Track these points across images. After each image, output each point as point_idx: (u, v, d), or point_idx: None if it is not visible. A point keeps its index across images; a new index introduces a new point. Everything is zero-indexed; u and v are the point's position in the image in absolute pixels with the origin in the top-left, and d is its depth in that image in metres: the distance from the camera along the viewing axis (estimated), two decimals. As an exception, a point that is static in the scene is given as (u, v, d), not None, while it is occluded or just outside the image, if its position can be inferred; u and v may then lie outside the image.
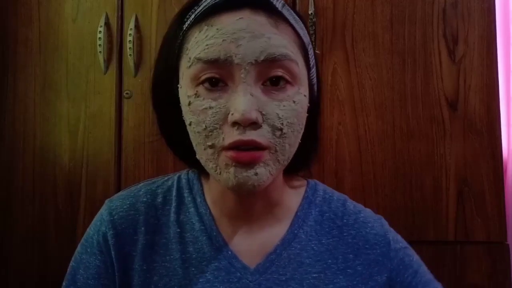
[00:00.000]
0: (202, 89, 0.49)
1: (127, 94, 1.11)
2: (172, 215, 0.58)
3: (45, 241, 1.12)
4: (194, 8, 0.52)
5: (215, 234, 0.57)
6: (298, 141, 0.52)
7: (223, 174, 0.49)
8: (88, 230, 0.60)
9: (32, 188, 1.14)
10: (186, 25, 0.52)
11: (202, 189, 0.60)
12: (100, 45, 1.11)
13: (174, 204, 0.59)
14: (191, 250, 0.56)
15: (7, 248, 1.14)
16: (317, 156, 0.62)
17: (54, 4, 1.16)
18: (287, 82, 0.50)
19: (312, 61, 0.56)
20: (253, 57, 0.47)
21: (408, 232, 1.01)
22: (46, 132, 1.15)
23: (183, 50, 0.51)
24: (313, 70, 0.56)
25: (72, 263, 0.60)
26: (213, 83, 0.49)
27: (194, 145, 0.52)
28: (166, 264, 0.56)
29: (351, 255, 0.58)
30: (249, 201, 0.57)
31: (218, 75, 0.48)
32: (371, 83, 1.04)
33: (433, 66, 1.03)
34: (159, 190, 0.60)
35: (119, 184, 1.10)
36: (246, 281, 0.55)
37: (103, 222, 0.58)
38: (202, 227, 0.57)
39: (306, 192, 0.62)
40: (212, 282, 0.55)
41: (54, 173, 1.13)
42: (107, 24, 1.12)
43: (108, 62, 1.12)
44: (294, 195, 0.61)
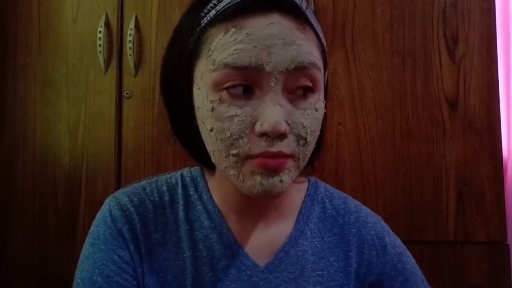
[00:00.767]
0: (226, 94, 0.47)
1: (127, 94, 1.11)
2: (180, 213, 0.57)
3: (45, 241, 1.12)
4: (214, 2, 0.49)
5: (225, 231, 0.56)
6: (313, 146, 0.52)
7: (247, 181, 0.47)
8: (95, 229, 0.56)
9: (32, 188, 1.14)
10: (205, 20, 0.49)
11: (207, 186, 0.59)
12: (100, 45, 1.11)
13: (181, 202, 0.58)
14: (201, 248, 0.56)
15: (7, 248, 1.14)
16: (319, 154, 0.61)
17: (54, 4, 1.16)
18: (310, 90, 0.49)
19: (326, 63, 0.55)
20: (284, 65, 0.46)
21: (408, 232, 1.01)
22: (46, 132, 1.15)
23: (203, 50, 0.49)
24: (325, 73, 0.55)
25: (81, 270, 0.54)
26: (239, 90, 0.47)
27: (212, 150, 0.50)
28: (179, 262, 0.55)
29: (351, 253, 0.59)
30: (258, 201, 0.56)
31: (245, 82, 0.46)
32: (371, 83, 1.04)
33: (433, 66, 1.03)
34: (164, 188, 0.59)
35: (119, 184, 1.10)
36: (257, 279, 0.55)
37: (116, 217, 0.55)
38: (212, 225, 0.56)
39: (308, 189, 0.62)
40: (223, 280, 0.54)
41: (54, 173, 1.13)
42: (107, 24, 1.12)
43: (108, 62, 1.12)
44: (297, 192, 0.61)
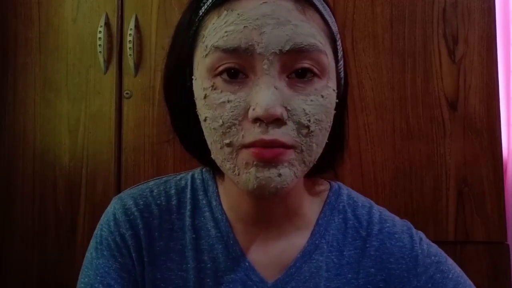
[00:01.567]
0: (219, 80, 0.44)
1: (127, 94, 1.11)
2: (187, 219, 0.54)
3: (45, 241, 1.12)
4: None
5: (232, 242, 0.52)
6: (325, 140, 0.47)
7: (242, 175, 0.44)
8: (99, 233, 0.54)
9: (32, 188, 1.14)
10: (203, 9, 0.46)
11: (217, 191, 0.55)
12: (100, 45, 1.11)
13: (189, 207, 0.54)
14: (206, 259, 0.52)
15: (7, 248, 1.14)
16: (343, 157, 0.56)
17: (54, 4, 1.16)
18: (315, 75, 0.44)
19: (340, 52, 0.50)
20: (277, 46, 0.42)
21: (408, 232, 1.01)
22: (46, 132, 1.15)
23: (199, 38, 0.46)
24: (341, 63, 0.50)
25: (84, 275, 0.53)
26: (232, 75, 0.44)
27: (209, 143, 0.47)
28: (182, 273, 0.52)
29: (373, 269, 0.53)
30: (267, 206, 0.52)
31: (238, 66, 0.43)
32: (371, 83, 1.04)
33: (433, 66, 1.03)
34: (173, 191, 0.56)
35: (119, 184, 1.10)
36: None
37: (119, 222, 0.53)
38: (218, 234, 0.53)
39: (328, 197, 0.56)
40: None
41: (54, 173, 1.13)
42: (107, 24, 1.12)
43: (108, 62, 1.12)
44: (315, 200, 0.56)
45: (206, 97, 0.44)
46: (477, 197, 1.00)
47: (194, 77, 0.47)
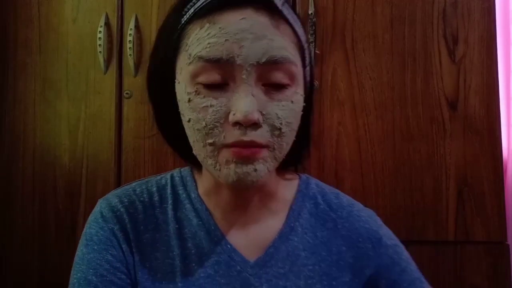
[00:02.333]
0: (202, 86, 0.49)
1: (127, 94, 1.11)
2: (169, 212, 0.59)
3: (45, 241, 1.12)
4: (193, 1, 0.51)
5: (213, 228, 0.58)
6: (293, 139, 0.53)
7: (223, 170, 0.50)
8: (88, 230, 0.58)
9: (32, 188, 1.14)
10: (184, 19, 0.51)
11: (195, 184, 0.61)
12: (100, 45, 1.11)
13: (170, 201, 0.60)
14: (190, 245, 0.57)
15: (7, 248, 1.14)
16: (309, 151, 0.63)
17: (54, 4, 1.16)
18: (287, 84, 0.50)
19: (307, 59, 0.56)
20: (255, 58, 0.48)
21: (408, 232, 1.01)
22: (46, 132, 1.15)
23: (182, 46, 0.51)
24: (307, 68, 0.56)
25: (76, 271, 0.56)
26: (214, 83, 0.49)
27: (192, 141, 0.52)
28: (168, 260, 0.56)
29: (344, 248, 0.59)
30: (244, 194, 0.58)
31: (219, 75, 0.48)
32: (371, 83, 1.04)
33: (433, 66, 1.03)
34: (154, 188, 0.61)
35: (119, 184, 1.10)
36: (246, 274, 0.56)
37: (107, 218, 0.57)
38: (200, 222, 0.58)
39: (299, 185, 0.63)
40: (213, 276, 0.55)
41: (54, 173, 1.13)
42: (107, 24, 1.12)
43: (108, 62, 1.12)
44: (288, 188, 0.62)
45: (190, 101, 0.50)
46: (477, 197, 1.00)
47: (177, 80, 0.52)
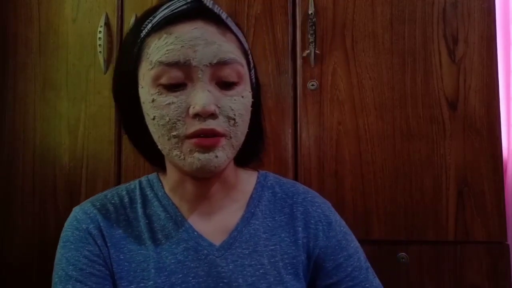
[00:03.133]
0: (163, 88, 0.57)
1: (127, 94, 1.11)
2: (139, 210, 0.65)
3: (45, 241, 1.12)
4: (150, 19, 0.59)
5: (180, 219, 0.64)
6: (246, 129, 0.61)
7: (188, 159, 0.56)
8: (64, 233, 0.64)
9: (32, 188, 1.14)
10: (143, 33, 0.59)
11: (161, 184, 0.68)
12: (100, 45, 1.11)
13: (139, 201, 0.66)
14: (160, 237, 0.63)
15: (7, 248, 1.14)
16: (264, 144, 0.71)
17: (54, 4, 1.16)
18: (236, 82, 0.59)
19: (251, 63, 0.65)
20: (208, 60, 0.56)
21: (408, 232, 1.01)
22: (46, 132, 1.15)
23: (143, 55, 0.58)
24: (252, 71, 0.65)
25: (57, 270, 0.61)
26: (174, 84, 0.56)
27: (157, 137, 0.59)
28: (142, 251, 0.62)
29: (300, 228, 0.67)
30: (207, 184, 0.64)
31: (178, 75, 0.56)
32: (371, 83, 1.04)
33: (433, 66, 1.03)
34: (124, 192, 0.68)
35: (119, 184, 1.10)
36: (213, 257, 0.62)
37: (80, 220, 0.63)
38: (168, 215, 0.65)
39: (258, 178, 0.71)
40: (183, 262, 0.61)
41: (54, 173, 1.13)
42: (107, 24, 1.12)
43: (108, 62, 1.12)
44: (248, 181, 0.70)
45: (153, 100, 0.57)
46: (477, 197, 1.00)
47: (140, 85, 0.59)
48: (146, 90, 0.58)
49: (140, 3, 1.12)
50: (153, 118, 0.57)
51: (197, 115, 0.55)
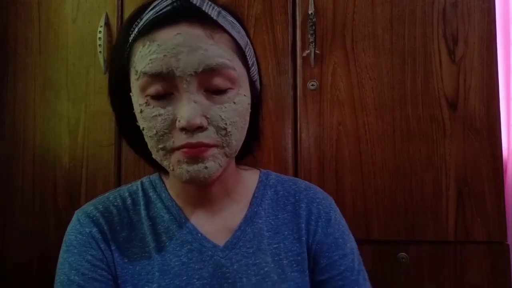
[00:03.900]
0: (150, 98, 0.54)
1: (127, 94, 1.11)
2: (142, 212, 0.65)
3: (45, 241, 1.12)
4: (137, 21, 0.56)
5: (184, 221, 0.64)
6: (243, 135, 0.58)
7: (177, 170, 0.55)
8: (67, 237, 0.62)
9: (32, 188, 1.14)
10: (131, 37, 0.56)
11: (164, 186, 0.67)
12: (100, 45, 1.11)
13: (142, 203, 0.65)
14: (164, 239, 0.62)
15: (7, 248, 1.14)
16: (260, 143, 0.69)
17: (54, 4, 1.17)
18: (227, 88, 0.55)
19: (251, 60, 0.61)
20: (192, 69, 0.52)
21: (408, 232, 1.01)
22: (46, 132, 1.15)
23: (131, 62, 0.56)
24: (253, 68, 0.61)
25: (59, 275, 0.60)
26: (160, 95, 0.54)
27: (150, 146, 0.57)
28: (145, 254, 0.62)
29: (302, 225, 0.66)
30: (206, 189, 0.64)
31: (163, 89, 0.53)
32: (371, 83, 1.04)
33: (433, 66, 1.03)
34: (126, 194, 0.67)
35: (119, 184, 1.10)
36: (218, 257, 0.61)
37: (84, 224, 0.62)
38: (171, 217, 0.64)
39: (260, 177, 0.71)
40: (187, 263, 0.61)
41: (54, 173, 1.13)
42: (107, 24, 1.12)
43: (108, 62, 1.12)
44: (250, 179, 0.70)
45: (142, 111, 0.55)
46: (477, 197, 1.00)
47: (132, 93, 0.58)
48: (135, 99, 0.56)
49: (140, 3, 1.12)
50: (143, 129, 0.56)
51: (183, 129, 0.53)
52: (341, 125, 1.04)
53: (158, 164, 0.62)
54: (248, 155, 0.70)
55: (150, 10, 0.55)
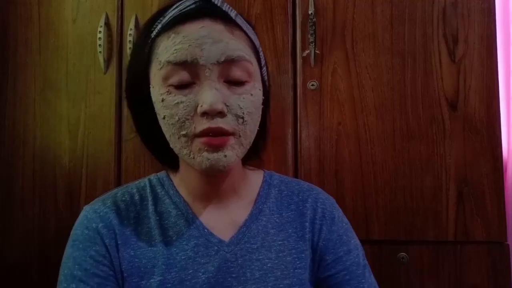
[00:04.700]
0: (172, 87, 0.57)
1: (127, 94, 1.11)
2: (150, 207, 0.66)
3: (45, 241, 1.12)
4: (160, 19, 0.60)
5: (191, 216, 0.65)
6: (256, 127, 0.62)
7: (197, 158, 0.57)
8: (74, 232, 0.64)
9: (32, 188, 1.14)
10: (153, 33, 0.60)
11: (172, 183, 0.69)
12: (100, 45, 1.11)
13: (150, 198, 0.67)
14: (171, 233, 0.64)
15: (7, 248, 1.14)
16: (265, 144, 0.72)
17: (54, 4, 1.16)
18: (245, 80, 0.59)
19: (263, 61, 0.66)
20: (215, 58, 0.56)
21: (408, 232, 1.01)
22: (46, 132, 1.15)
23: (153, 55, 0.59)
24: (264, 69, 0.66)
25: (63, 268, 0.62)
26: (183, 83, 0.57)
27: (168, 136, 0.60)
28: (152, 248, 0.63)
29: (306, 223, 0.68)
30: (216, 181, 0.66)
31: (186, 78, 0.57)
32: (371, 83, 1.04)
33: (433, 66, 1.03)
34: (134, 190, 0.69)
35: (119, 184, 1.10)
36: (223, 252, 0.63)
37: (90, 219, 0.64)
38: (179, 213, 0.66)
39: (264, 177, 0.73)
40: (193, 258, 0.62)
41: (54, 173, 1.13)
42: (107, 24, 1.12)
43: (108, 62, 1.12)
44: (254, 178, 0.72)
45: (163, 100, 0.58)
46: (477, 197, 1.00)
47: (151, 85, 0.60)
48: (156, 90, 0.59)
49: (140, 3, 1.12)
50: (163, 118, 0.58)
51: (205, 114, 0.55)
52: (341, 125, 1.04)
53: (169, 161, 0.68)
54: (254, 157, 0.72)
55: (174, 9, 0.60)
